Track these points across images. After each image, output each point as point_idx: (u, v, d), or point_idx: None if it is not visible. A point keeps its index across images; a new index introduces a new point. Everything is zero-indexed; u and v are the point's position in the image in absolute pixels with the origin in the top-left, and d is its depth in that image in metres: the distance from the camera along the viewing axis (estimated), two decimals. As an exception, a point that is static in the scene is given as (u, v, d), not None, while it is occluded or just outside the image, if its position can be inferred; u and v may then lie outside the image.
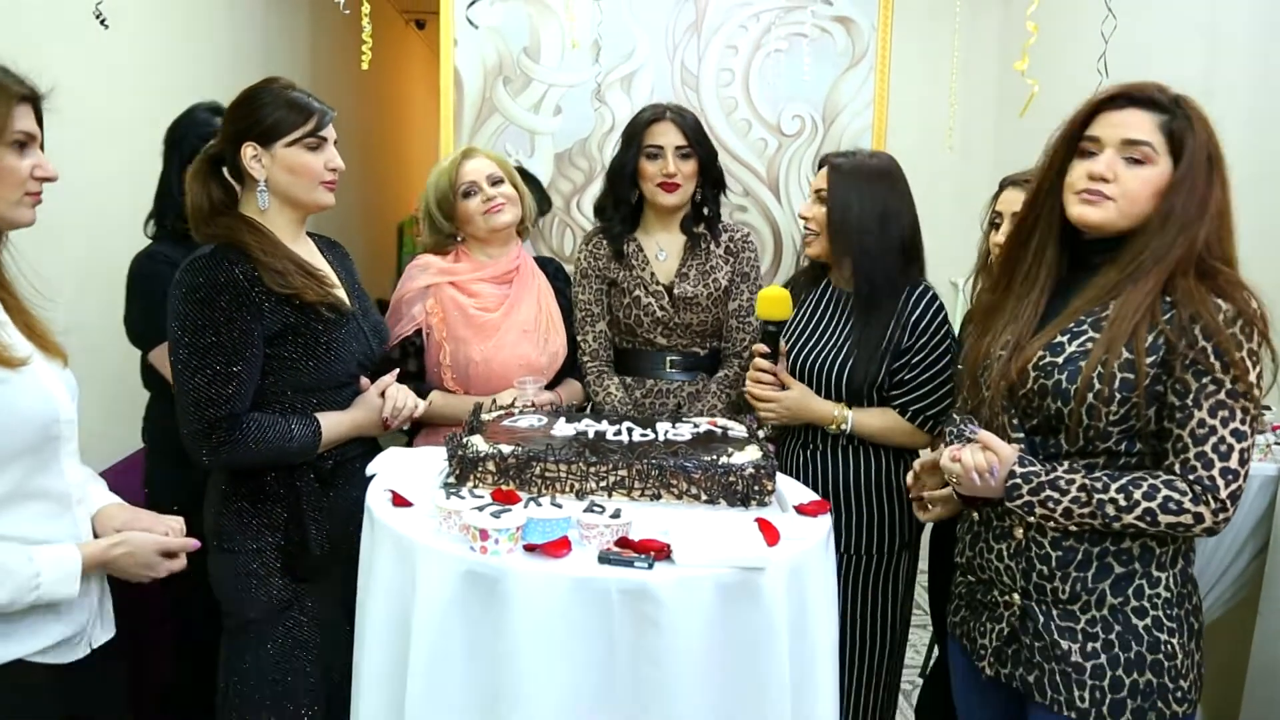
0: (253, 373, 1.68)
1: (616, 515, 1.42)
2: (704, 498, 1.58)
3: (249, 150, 1.71)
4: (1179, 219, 1.40)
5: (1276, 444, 2.01)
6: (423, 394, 2.09)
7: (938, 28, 3.46)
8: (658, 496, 1.58)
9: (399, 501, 1.56)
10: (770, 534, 1.45)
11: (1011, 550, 1.52)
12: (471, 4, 2.94)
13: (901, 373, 1.98)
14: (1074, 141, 1.48)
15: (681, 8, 3.00)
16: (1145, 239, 1.42)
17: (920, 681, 2.76)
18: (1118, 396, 1.40)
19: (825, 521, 1.58)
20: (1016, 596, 1.52)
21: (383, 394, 1.85)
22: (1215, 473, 1.37)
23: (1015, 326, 1.53)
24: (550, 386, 2.23)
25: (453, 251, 2.24)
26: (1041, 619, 1.49)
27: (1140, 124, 1.42)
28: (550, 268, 2.34)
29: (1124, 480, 1.41)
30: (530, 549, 1.38)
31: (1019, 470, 1.45)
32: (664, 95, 2.98)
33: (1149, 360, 1.39)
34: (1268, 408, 2.05)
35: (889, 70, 3.02)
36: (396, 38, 6.78)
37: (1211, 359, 1.36)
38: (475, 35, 2.97)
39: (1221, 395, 1.37)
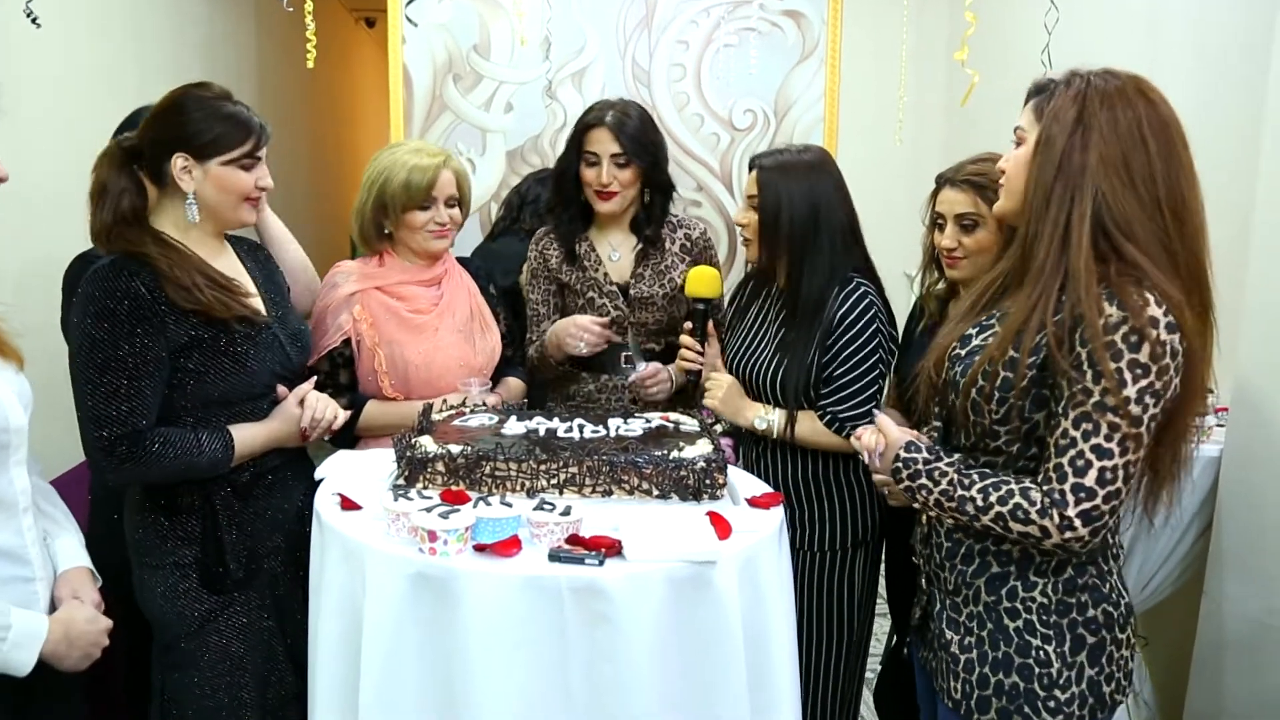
0: (156, 387, 1.62)
1: (567, 513, 1.42)
2: (655, 493, 1.57)
3: (179, 161, 1.65)
4: (1038, 181, 1.35)
5: (1218, 425, 2.04)
6: (357, 405, 2.04)
7: (887, 21, 3.49)
8: (609, 493, 1.58)
9: (347, 505, 1.53)
10: (721, 527, 1.45)
11: (920, 537, 1.56)
12: (410, 2, 2.91)
13: (826, 372, 1.93)
14: None
15: (631, 3, 2.99)
16: (1020, 211, 1.39)
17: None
18: (996, 395, 1.36)
19: (777, 513, 1.58)
20: (924, 581, 1.55)
21: (301, 403, 1.77)
22: (1067, 487, 1.30)
23: (956, 312, 1.54)
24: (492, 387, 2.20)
25: (376, 256, 2.14)
26: (938, 606, 1.51)
27: (1024, 111, 1.43)
28: (472, 267, 2.28)
29: (989, 481, 1.37)
30: (480, 549, 1.37)
31: (902, 455, 1.46)
32: (616, 91, 2.97)
33: (1029, 361, 1.33)
34: (1208, 406, 2.06)
35: (839, 63, 3.03)
36: (346, 36, 6.71)
37: (1085, 367, 1.28)
38: (424, 33, 2.94)
39: (1088, 407, 1.29)
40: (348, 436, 2.06)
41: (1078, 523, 1.30)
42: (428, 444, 1.61)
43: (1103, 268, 1.31)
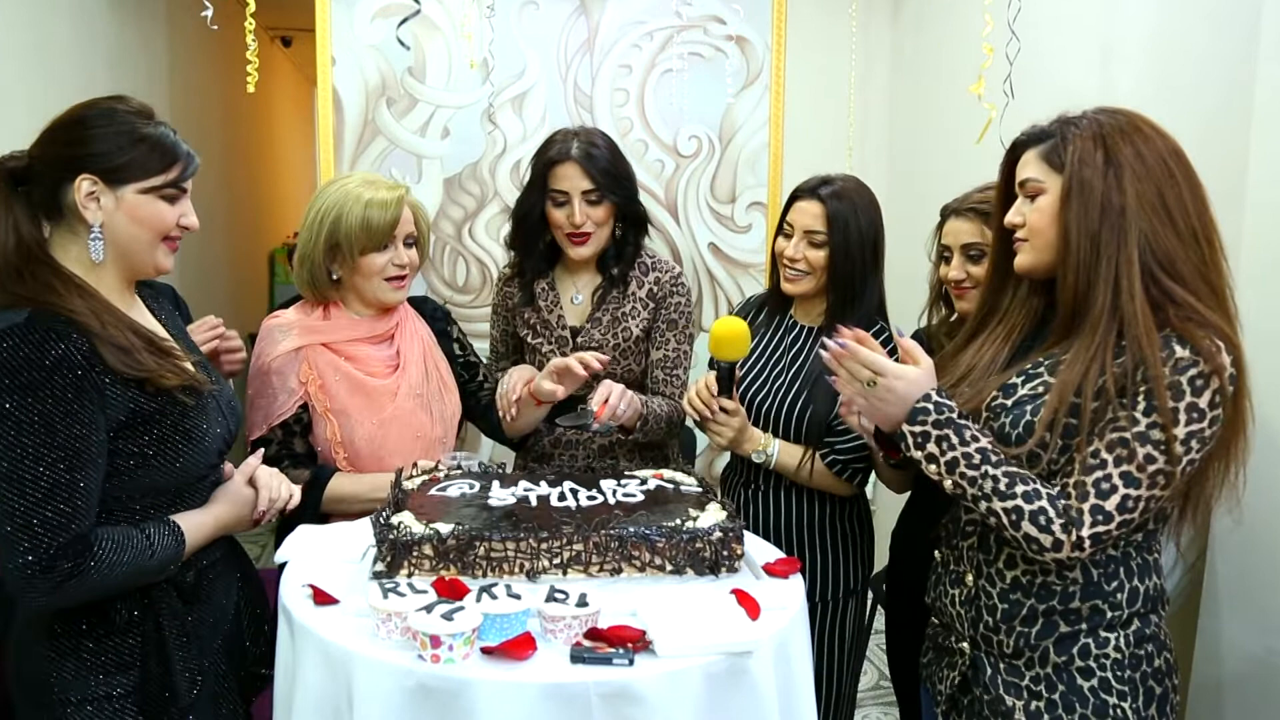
0: (98, 478, 1.30)
1: (583, 603, 1.25)
2: (669, 568, 1.43)
3: (85, 184, 1.32)
4: (1079, 229, 1.31)
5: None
6: (320, 479, 1.78)
7: (831, 47, 3.45)
8: (618, 570, 1.42)
9: (321, 598, 1.34)
10: (751, 607, 1.32)
11: (963, 598, 1.45)
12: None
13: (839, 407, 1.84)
14: (1009, 194, 1.44)
15: (573, 25, 2.86)
16: (1064, 261, 1.34)
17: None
18: (1060, 443, 1.31)
19: (798, 583, 1.46)
20: (966, 646, 1.45)
21: (250, 482, 1.51)
22: (1086, 507, 1.26)
23: (978, 362, 1.45)
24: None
25: (321, 306, 1.87)
26: (989, 671, 1.41)
27: (1027, 163, 1.39)
28: (428, 308, 2.02)
29: (1018, 473, 1.31)
30: (488, 651, 1.20)
31: (934, 397, 1.34)
32: (557, 116, 2.84)
33: (1093, 406, 1.29)
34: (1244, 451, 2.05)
35: (784, 89, 2.97)
36: (261, 56, 6.37)
37: (1140, 399, 1.26)
38: (355, 54, 2.74)
39: (1127, 434, 1.26)
40: (314, 516, 1.76)
41: (1088, 544, 1.27)
42: (411, 522, 1.43)
43: (1160, 314, 1.28)
